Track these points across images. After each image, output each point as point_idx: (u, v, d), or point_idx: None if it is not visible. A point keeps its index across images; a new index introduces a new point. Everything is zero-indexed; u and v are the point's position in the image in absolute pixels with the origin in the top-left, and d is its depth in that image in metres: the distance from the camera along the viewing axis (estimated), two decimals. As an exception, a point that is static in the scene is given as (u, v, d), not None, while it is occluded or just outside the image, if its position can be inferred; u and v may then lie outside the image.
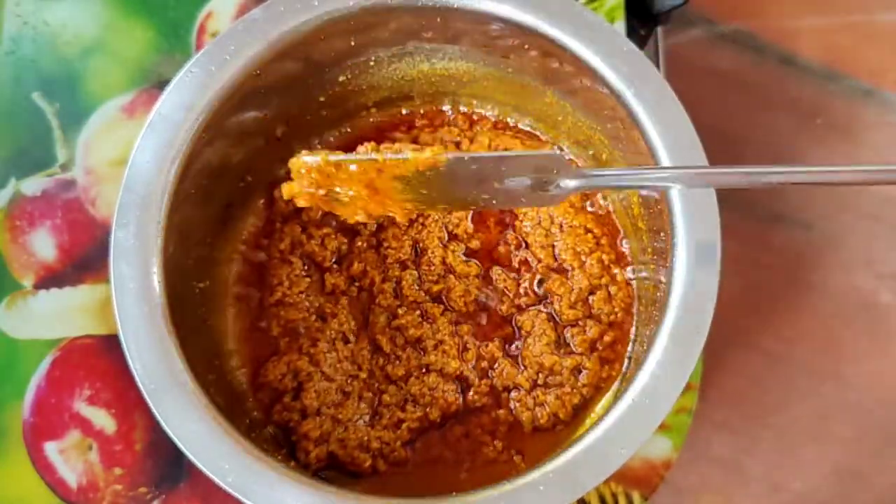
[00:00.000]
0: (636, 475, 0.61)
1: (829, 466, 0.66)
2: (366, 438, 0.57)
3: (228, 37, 0.53)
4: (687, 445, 0.63)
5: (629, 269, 0.60)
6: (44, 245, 0.63)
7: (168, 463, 0.60)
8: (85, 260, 0.63)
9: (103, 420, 0.60)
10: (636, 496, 0.61)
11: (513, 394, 0.58)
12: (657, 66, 0.67)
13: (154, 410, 0.47)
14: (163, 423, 0.46)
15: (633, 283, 0.60)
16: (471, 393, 0.58)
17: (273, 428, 0.58)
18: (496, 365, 0.59)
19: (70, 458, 0.60)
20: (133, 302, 0.48)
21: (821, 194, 0.71)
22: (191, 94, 0.52)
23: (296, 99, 0.59)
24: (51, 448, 0.60)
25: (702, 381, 0.64)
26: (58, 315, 0.62)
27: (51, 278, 0.62)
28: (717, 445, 0.66)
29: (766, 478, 0.66)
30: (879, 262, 0.70)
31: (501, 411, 0.58)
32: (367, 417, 0.58)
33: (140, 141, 0.51)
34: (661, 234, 0.53)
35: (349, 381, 0.58)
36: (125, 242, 0.49)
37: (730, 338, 0.68)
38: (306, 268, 0.61)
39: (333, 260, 0.61)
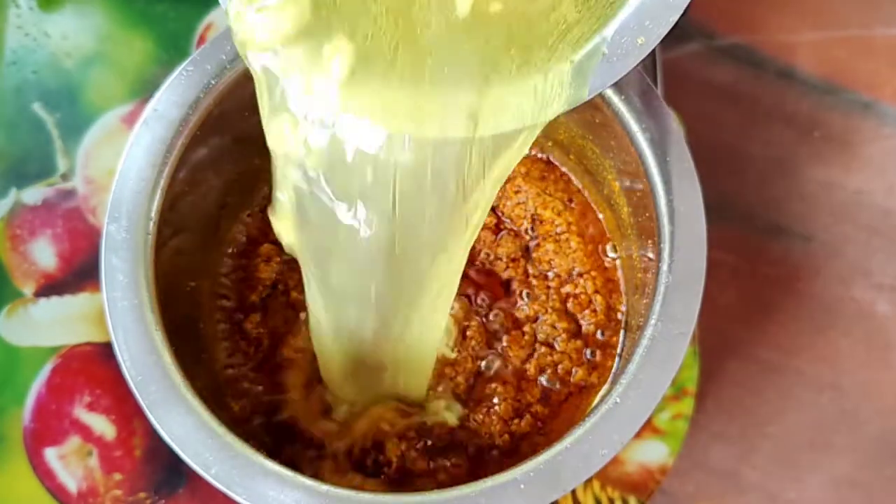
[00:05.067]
0: (633, 480, 0.61)
1: (827, 477, 0.66)
2: None
3: (225, 37, 0.53)
4: (684, 455, 0.63)
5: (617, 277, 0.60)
6: (44, 254, 0.64)
7: (167, 469, 0.60)
8: (85, 268, 0.63)
9: (103, 426, 0.61)
10: (633, 501, 0.61)
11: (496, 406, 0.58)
12: (655, 79, 0.68)
13: (140, 401, 0.47)
14: (148, 414, 0.47)
15: (623, 309, 0.60)
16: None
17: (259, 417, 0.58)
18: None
19: (70, 464, 0.60)
20: (122, 294, 0.49)
21: (820, 207, 0.71)
22: (186, 91, 0.52)
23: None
24: (51, 454, 0.60)
25: (699, 391, 0.64)
26: (58, 323, 0.63)
27: (51, 286, 0.63)
28: (714, 455, 0.66)
29: (762, 487, 0.66)
30: (878, 274, 0.70)
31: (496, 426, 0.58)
32: None
33: (134, 136, 0.52)
34: (650, 241, 0.53)
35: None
36: (116, 235, 0.50)
37: (728, 348, 0.68)
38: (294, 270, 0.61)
39: None
